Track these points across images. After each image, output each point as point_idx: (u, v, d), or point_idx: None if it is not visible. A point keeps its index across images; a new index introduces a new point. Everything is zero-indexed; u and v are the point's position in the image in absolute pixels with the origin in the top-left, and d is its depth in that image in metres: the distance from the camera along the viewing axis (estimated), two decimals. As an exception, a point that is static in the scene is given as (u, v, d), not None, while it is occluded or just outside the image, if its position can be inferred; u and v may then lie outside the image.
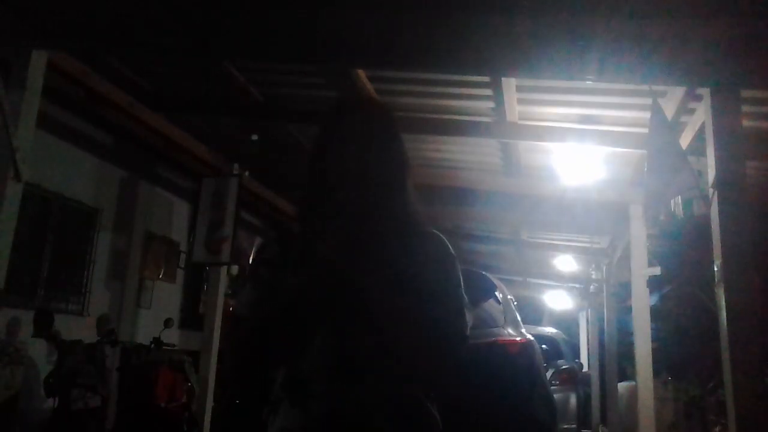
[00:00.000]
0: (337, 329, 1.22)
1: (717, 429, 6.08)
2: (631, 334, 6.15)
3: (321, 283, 1.23)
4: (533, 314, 13.41)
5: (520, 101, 4.62)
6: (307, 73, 4.82)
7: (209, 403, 6.24)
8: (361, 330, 1.21)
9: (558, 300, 13.49)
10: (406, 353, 1.20)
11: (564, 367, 9.05)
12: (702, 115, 3.57)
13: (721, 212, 3.15)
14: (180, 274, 8.13)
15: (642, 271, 5.81)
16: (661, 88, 3.89)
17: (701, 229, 4.04)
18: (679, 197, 4.91)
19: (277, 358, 1.28)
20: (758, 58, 3.18)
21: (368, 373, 1.20)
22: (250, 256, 9.42)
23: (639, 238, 5.87)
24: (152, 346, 5.97)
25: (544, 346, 6.52)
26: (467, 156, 6.22)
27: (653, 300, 6.51)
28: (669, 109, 3.96)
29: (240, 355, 1.34)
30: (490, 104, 4.79)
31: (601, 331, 10.30)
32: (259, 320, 1.27)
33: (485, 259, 11.73)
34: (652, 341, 5.96)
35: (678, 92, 3.93)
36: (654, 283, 6.10)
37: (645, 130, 3.83)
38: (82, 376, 5.14)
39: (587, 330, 12.56)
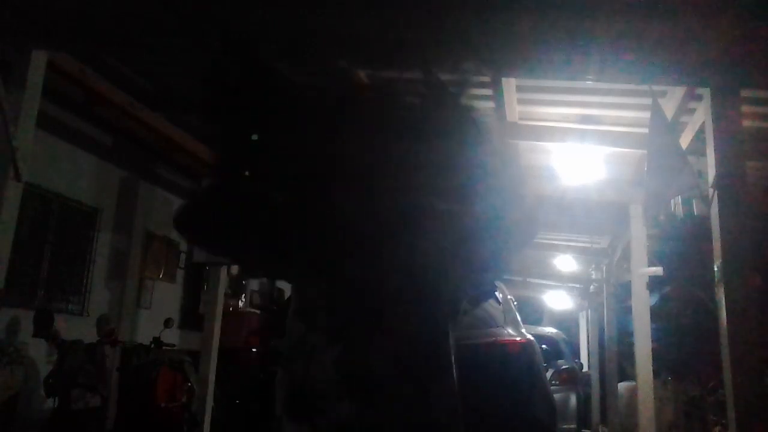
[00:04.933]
0: (352, 345, 1.15)
1: (717, 429, 6.08)
2: (631, 334, 6.14)
3: (338, 296, 1.19)
4: (533, 314, 13.41)
5: (520, 101, 4.62)
6: (307, 73, 4.82)
7: (209, 403, 6.24)
8: (378, 348, 1.14)
9: (558, 300, 13.49)
10: (426, 379, 1.15)
11: (564, 367, 9.04)
12: (702, 115, 3.57)
13: (721, 212, 3.15)
14: (180, 274, 8.13)
15: (642, 270, 5.81)
16: (661, 88, 3.89)
17: (701, 229, 4.04)
18: (679, 197, 4.92)
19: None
20: (758, 58, 3.18)
21: (380, 394, 1.13)
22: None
23: (639, 238, 5.86)
24: (152, 346, 5.97)
25: (544, 346, 6.51)
26: (467, 156, 6.21)
27: (653, 300, 6.50)
28: (669, 109, 3.96)
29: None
30: (490, 104, 4.80)
31: (601, 331, 10.30)
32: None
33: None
34: (652, 341, 5.96)
35: (678, 92, 3.93)
36: (654, 283, 6.09)
37: (645, 130, 3.83)
38: (82, 376, 5.14)
39: (587, 330, 12.56)
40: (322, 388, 1.15)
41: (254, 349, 7.56)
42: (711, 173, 3.27)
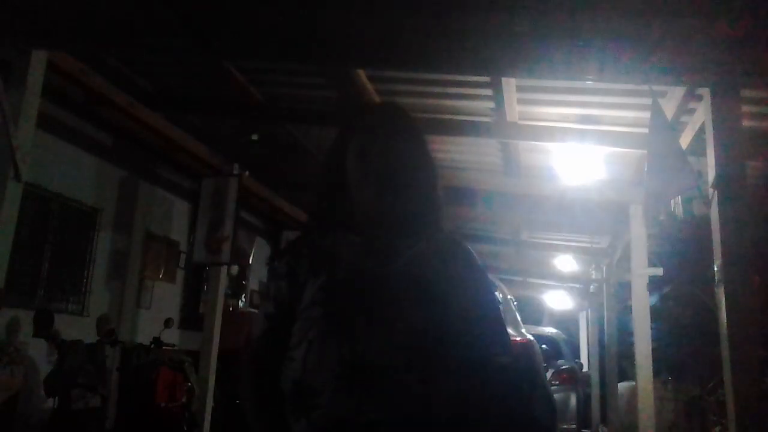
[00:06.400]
0: (351, 337, 1.14)
1: (717, 429, 6.07)
2: (631, 334, 6.14)
3: (340, 290, 1.18)
4: (533, 314, 13.41)
5: (520, 101, 4.62)
6: (307, 73, 4.83)
7: (209, 403, 6.24)
8: (379, 340, 1.13)
9: (558, 300, 13.49)
10: (429, 369, 1.13)
11: (564, 367, 9.05)
12: (702, 115, 3.57)
13: (721, 212, 3.15)
14: (180, 274, 8.12)
15: (642, 270, 5.81)
16: (661, 88, 3.89)
17: (701, 229, 4.04)
18: (679, 197, 4.91)
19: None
20: (758, 58, 3.18)
21: (378, 386, 1.11)
22: (250, 257, 9.43)
23: (639, 238, 5.86)
24: (152, 346, 5.97)
25: (544, 346, 6.51)
26: (467, 156, 6.22)
27: (653, 300, 6.50)
28: (669, 109, 3.96)
29: (253, 364, 1.30)
30: (490, 104, 4.79)
31: (601, 331, 10.30)
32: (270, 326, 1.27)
33: (485, 259, 11.74)
34: (652, 341, 5.96)
35: (678, 92, 3.93)
36: (654, 283, 6.09)
37: (645, 130, 3.83)
38: (82, 376, 5.13)
39: (587, 330, 12.56)
40: (319, 383, 1.13)
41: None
42: (711, 173, 3.26)
